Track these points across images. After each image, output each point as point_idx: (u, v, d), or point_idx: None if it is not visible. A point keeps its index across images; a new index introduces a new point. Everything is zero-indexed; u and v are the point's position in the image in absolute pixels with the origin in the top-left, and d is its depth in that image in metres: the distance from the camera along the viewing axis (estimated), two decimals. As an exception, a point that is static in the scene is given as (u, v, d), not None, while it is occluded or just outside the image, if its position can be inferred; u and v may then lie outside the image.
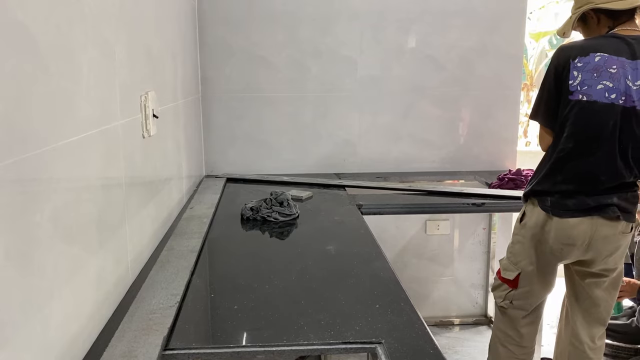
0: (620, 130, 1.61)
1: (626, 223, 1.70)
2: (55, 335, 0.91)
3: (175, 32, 2.02)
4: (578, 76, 1.61)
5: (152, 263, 1.45)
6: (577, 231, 1.68)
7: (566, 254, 1.74)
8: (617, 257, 1.76)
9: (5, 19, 0.76)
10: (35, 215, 0.84)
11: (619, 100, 1.59)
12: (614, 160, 1.63)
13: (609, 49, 1.62)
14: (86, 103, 1.06)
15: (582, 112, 1.61)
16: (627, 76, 1.60)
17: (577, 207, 1.66)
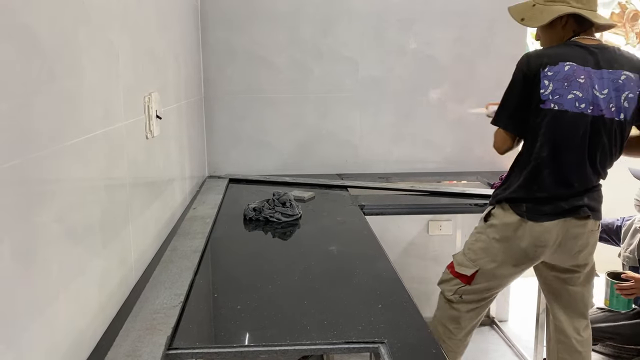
0: (589, 138, 1.66)
1: (594, 221, 1.75)
2: (61, 335, 0.91)
3: (178, 33, 2.03)
4: (549, 85, 1.64)
5: (156, 263, 1.46)
6: (551, 232, 1.71)
7: (539, 254, 1.77)
8: (587, 253, 1.80)
9: (12, 22, 0.77)
10: (41, 216, 0.85)
11: (587, 109, 1.64)
12: (584, 167, 1.68)
13: (576, 58, 1.65)
14: (90, 104, 1.07)
15: (554, 121, 1.65)
16: (594, 86, 1.64)
17: (553, 211, 1.70)
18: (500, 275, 1.82)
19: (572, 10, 1.67)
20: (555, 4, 1.70)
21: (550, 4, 1.71)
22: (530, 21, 1.77)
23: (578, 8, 1.67)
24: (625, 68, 1.66)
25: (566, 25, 1.71)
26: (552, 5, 1.70)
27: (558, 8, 1.69)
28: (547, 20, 1.69)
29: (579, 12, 1.66)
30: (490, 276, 1.82)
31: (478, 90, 2.79)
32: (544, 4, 1.73)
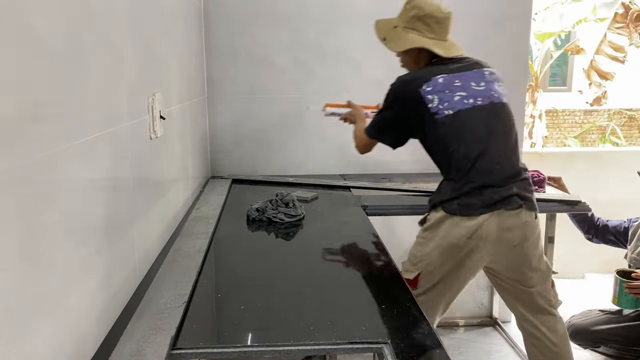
0: (492, 124, 1.76)
1: (528, 212, 1.76)
2: (66, 334, 0.92)
3: (181, 34, 2.04)
4: (434, 98, 1.74)
5: (160, 263, 1.46)
6: (485, 226, 1.71)
7: (474, 247, 1.74)
8: (528, 247, 1.80)
9: (17, 23, 0.78)
10: (46, 216, 0.85)
11: (477, 102, 1.75)
12: (501, 150, 1.76)
13: (444, 71, 1.78)
14: (95, 105, 1.08)
15: (455, 123, 1.73)
16: (471, 83, 1.78)
17: (484, 203, 1.71)
18: (443, 276, 1.80)
19: (422, 43, 1.82)
20: (411, 32, 1.85)
21: (407, 30, 1.85)
22: (391, 44, 1.91)
23: (430, 39, 1.83)
24: (484, 66, 1.86)
25: (421, 53, 1.86)
26: (408, 33, 1.85)
27: (412, 38, 1.84)
28: (401, 48, 1.86)
29: (429, 48, 1.82)
30: (432, 277, 1.80)
31: (481, 90, 2.79)
32: (402, 29, 1.87)
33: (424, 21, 1.83)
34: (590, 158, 3.70)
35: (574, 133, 8.29)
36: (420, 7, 1.83)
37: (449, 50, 1.85)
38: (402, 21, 1.87)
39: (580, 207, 2.32)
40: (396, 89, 1.84)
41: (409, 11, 1.86)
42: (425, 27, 1.83)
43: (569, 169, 3.63)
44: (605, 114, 8.43)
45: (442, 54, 1.82)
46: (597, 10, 5.33)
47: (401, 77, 1.86)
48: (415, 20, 1.84)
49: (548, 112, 7.69)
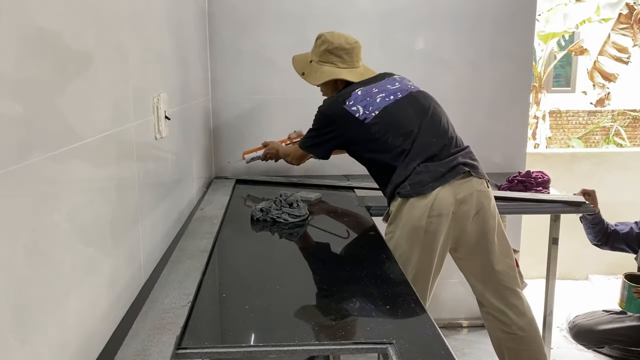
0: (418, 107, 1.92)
1: (478, 180, 1.86)
2: (72, 334, 0.92)
3: (186, 34, 2.04)
4: (358, 108, 1.89)
5: (164, 263, 1.46)
6: (440, 200, 1.78)
7: (437, 225, 1.79)
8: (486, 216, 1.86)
9: (27, 23, 0.78)
10: (53, 215, 0.86)
11: (397, 96, 1.92)
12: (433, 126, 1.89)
13: (358, 86, 1.95)
14: (101, 105, 1.08)
15: (385, 119, 1.87)
16: (386, 86, 1.96)
17: (432, 177, 1.80)
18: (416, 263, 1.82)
19: (337, 74, 1.99)
20: (325, 65, 2.02)
21: (321, 64, 2.02)
22: (309, 77, 2.07)
23: (343, 68, 2.00)
24: (394, 74, 2.06)
25: (337, 81, 2.02)
26: (323, 66, 2.02)
27: (328, 70, 2.01)
28: (320, 81, 2.03)
29: (343, 78, 1.99)
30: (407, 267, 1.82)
31: (485, 91, 2.79)
32: (317, 63, 2.04)
33: (335, 54, 2.00)
34: (594, 159, 3.69)
35: (577, 134, 8.27)
36: (329, 41, 2.00)
37: (362, 75, 2.02)
38: (316, 56, 2.04)
39: (584, 208, 2.32)
40: (324, 111, 1.99)
41: (320, 46, 2.02)
42: (337, 58, 2.00)
43: (573, 170, 3.62)
44: (609, 115, 8.41)
45: (356, 80, 1.99)
46: (601, 11, 5.31)
47: (326, 100, 2.05)
48: (327, 54, 2.01)
49: (552, 113, 7.68)
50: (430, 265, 1.85)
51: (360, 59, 2.06)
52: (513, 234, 2.94)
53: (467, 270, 1.99)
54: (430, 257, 1.84)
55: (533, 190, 2.42)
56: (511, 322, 1.93)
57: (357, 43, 2.03)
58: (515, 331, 1.93)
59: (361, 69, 2.04)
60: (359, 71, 2.02)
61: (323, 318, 1.21)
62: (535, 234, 3.19)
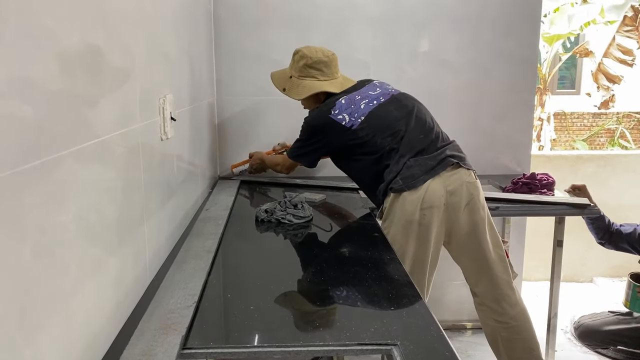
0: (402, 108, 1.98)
1: (467, 171, 1.92)
2: (78, 333, 0.93)
3: (191, 36, 2.05)
4: (344, 116, 1.95)
5: (170, 263, 1.47)
6: (431, 192, 1.85)
7: (429, 217, 1.85)
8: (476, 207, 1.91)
9: (35, 24, 0.79)
10: (60, 215, 0.86)
11: (380, 100, 2.00)
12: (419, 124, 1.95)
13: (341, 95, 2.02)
14: (108, 106, 1.09)
15: (371, 123, 1.94)
16: (368, 92, 2.03)
17: (423, 170, 1.86)
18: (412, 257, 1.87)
19: (319, 87, 2.05)
20: (305, 79, 2.07)
21: (302, 78, 2.08)
22: (291, 92, 2.11)
23: (324, 81, 2.06)
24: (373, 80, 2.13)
25: (319, 94, 2.07)
26: (303, 80, 2.07)
27: (309, 84, 2.06)
28: (303, 96, 2.07)
29: (325, 90, 2.05)
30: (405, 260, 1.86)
31: (490, 93, 2.79)
32: (297, 78, 2.09)
33: (314, 67, 2.06)
34: (598, 161, 3.68)
35: (582, 136, 8.25)
36: (307, 56, 2.06)
37: (342, 84, 2.09)
38: (295, 71, 2.10)
39: (589, 211, 2.32)
40: (310, 122, 2.06)
41: (298, 61, 2.09)
42: (317, 72, 2.07)
43: (577, 172, 3.61)
44: (615, 117, 8.38)
45: (338, 91, 2.05)
46: (606, 13, 5.30)
47: (311, 112, 2.10)
48: (307, 69, 2.07)
49: (556, 115, 7.66)
50: (425, 257, 1.90)
51: (338, 70, 2.13)
52: (517, 235, 2.94)
53: (461, 261, 2.03)
54: (425, 249, 1.88)
55: (537, 193, 2.42)
56: (504, 311, 1.98)
57: (334, 55, 2.12)
58: (507, 320, 1.98)
59: (340, 79, 2.12)
60: (339, 81, 2.10)
61: (327, 319, 1.21)
62: (540, 236, 3.18)
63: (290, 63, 2.14)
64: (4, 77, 0.70)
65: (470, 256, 1.98)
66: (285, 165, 2.33)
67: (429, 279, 1.95)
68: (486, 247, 1.94)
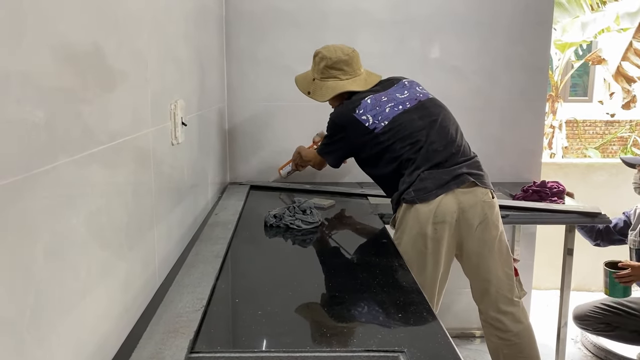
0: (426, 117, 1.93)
1: (484, 190, 1.87)
2: (88, 335, 0.94)
3: (203, 41, 2.07)
4: (368, 117, 1.93)
5: (179, 267, 1.48)
6: (443, 207, 1.82)
7: (441, 232, 1.83)
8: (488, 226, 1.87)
9: (49, 30, 0.80)
10: (72, 219, 0.88)
11: (405, 106, 1.95)
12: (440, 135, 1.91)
13: (367, 94, 1.99)
14: (120, 111, 1.10)
15: (394, 129, 1.90)
16: (395, 94, 1.99)
17: (436, 184, 1.83)
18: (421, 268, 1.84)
19: (342, 87, 2.02)
20: (328, 80, 2.05)
21: (324, 80, 2.06)
22: (315, 95, 2.09)
23: (346, 80, 2.03)
24: (402, 79, 2.08)
25: (344, 93, 2.03)
26: (326, 81, 2.05)
27: (331, 85, 2.04)
28: (326, 98, 2.05)
29: (348, 89, 2.01)
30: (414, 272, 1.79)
31: (501, 100, 2.78)
32: (320, 80, 2.07)
33: (335, 67, 2.03)
34: (610, 169, 3.65)
35: (594, 144, 8.19)
36: (327, 57, 2.04)
37: (366, 81, 2.06)
38: (317, 73, 2.08)
39: (600, 219, 2.30)
40: (335, 119, 2.04)
41: (319, 63, 2.07)
42: (339, 71, 2.04)
43: (589, 180, 3.59)
44: (627, 125, 8.31)
45: (361, 89, 2.02)
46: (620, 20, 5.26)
47: (336, 108, 2.07)
48: (328, 70, 2.04)
49: (568, 122, 7.61)
50: (436, 271, 1.87)
51: (360, 66, 2.09)
52: (527, 244, 2.92)
53: (468, 275, 2.01)
54: (436, 263, 1.86)
55: (548, 201, 2.40)
56: (506, 328, 1.96)
57: (354, 52, 2.07)
58: (510, 337, 1.96)
59: (364, 75, 2.08)
60: (362, 78, 2.06)
61: (335, 325, 1.21)
62: (550, 245, 3.16)
63: (312, 65, 2.12)
64: (18, 83, 0.72)
65: (476, 273, 1.96)
66: (316, 161, 2.32)
67: (439, 292, 1.93)
68: (493, 266, 1.92)
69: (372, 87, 2.03)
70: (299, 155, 2.49)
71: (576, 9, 5.50)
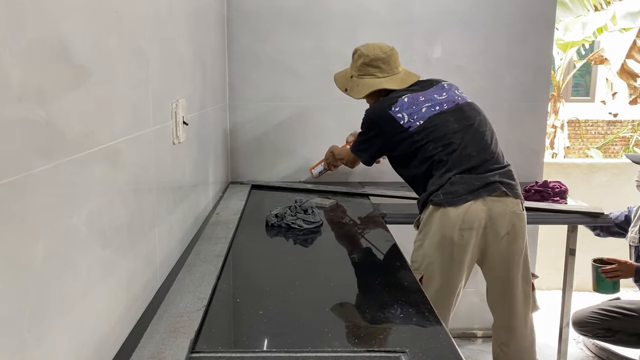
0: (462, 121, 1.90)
1: (514, 200, 1.84)
2: (88, 335, 0.94)
3: (205, 40, 2.07)
4: (404, 116, 1.91)
5: (180, 267, 1.48)
6: (472, 213, 1.79)
7: (467, 238, 1.80)
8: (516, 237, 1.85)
9: (50, 30, 0.80)
10: (72, 218, 0.87)
11: (443, 107, 1.93)
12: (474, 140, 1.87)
13: (405, 93, 1.97)
14: (121, 110, 1.10)
15: (428, 129, 1.88)
16: (433, 95, 1.96)
17: (467, 190, 1.79)
18: (442, 274, 1.83)
19: (378, 84, 2.01)
20: (365, 77, 2.04)
21: (362, 77, 2.04)
22: (352, 92, 2.08)
23: (383, 77, 2.02)
24: (442, 81, 2.05)
25: (381, 90, 2.02)
26: (363, 79, 2.04)
27: (368, 83, 2.03)
28: (363, 94, 2.04)
29: (384, 87, 2.00)
30: (433, 277, 1.84)
31: (503, 100, 2.78)
32: (357, 77, 2.06)
33: (372, 65, 2.02)
34: (612, 169, 3.65)
35: (596, 144, 8.17)
36: (365, 54, 2.03)
37: (404, 80, 2.04)
38: (355, 70, 2.07)
39: (602, 219, 2.29)
40: (370, 115, 2.02)
41: (356, 61, 2.06)
42: (376, 69, 2.02)
43: (591, 181, 3.58)
44: (629, 125, 8.29)
45: (398, 88, 2.00)
46: (620, 20, 5.25)
47: (372, 105, 2.06)
48: (365, 67, 2.03)
49: (570, 122, 7.60)
50: (457, 277, 1.86)
51: (399, 64, 2.07)
52: (529, 244, 2.90)
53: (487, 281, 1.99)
54: (458, 269, 1.84)
55: (550, 201, 2.40)
56: (511, 342, 1.96)
57: (392, 50, 2.05)
58: (512, 352, 1.97)
59: (402, 74, 2.06)
60: (400, 77, 2.04)
61: (336, 325, 1.21)
62: (552, 245, 3.15)
63: (350, 63, 2.11)
64: (19, 81, 0.71)
65: (497, 283, 1.94)
66: (349, 159, 2.30)
67: (456, 297, 1.91)
68: (514, 281, 1.90)
69: (410, 87, 2.01)
70: (331, 154, 2.48)
71: (579, 8, 5.48)
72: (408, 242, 2.68)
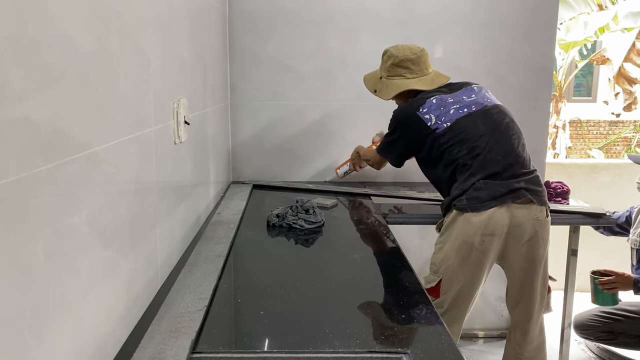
0: (490, 124, 1.89)
1: (538, 207, 1.83)
2: (89, 335, 0.93)
3: (206, 40, 2.06)
4: (431, 117, 1.91)
5: (181, 267, 1.47)
6: (495, 220, 1.78)
7: (488, 244, 1.80)
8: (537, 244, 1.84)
9: (53, 30, 0.80)
10: (73, 218, 0.87)
11: (471, 109, 1.91)
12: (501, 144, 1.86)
13: (434, 94, 1.96)
14: (122, 109, 1.10)
15: (455, 131, 1.87)
16: (462, 97, 1.95)
17: (491, 196, 1.78)
18: (461, 278, 1.83)
19: (407, 85, 2.01)
20: (394, 78, 2.04)
21: (391, 78, 2.05)
22: (381, 93, 2.08)
23: (412, 78, 2.01)
24: (472, 83, 2.04)
25: (410, 91, 2.02)
26: (392, 79, 2.04)
27: (397, 83, 2.03)
28: (392, 94, 2.04)
29: (413, 88, 2.00)
30: (452, 281, 1.84)
31: (505, 100, 2.76)
32: (387, 78, 2.06)
33: (402, 66, 2.02)
34: (614, 170, 3.64)
35: (598, 144, 8.16)
36: (394, 55, 2.03)
37: (433, 81, 2.02)
38: (384, 71, 2.07)
39: (604, 220, 2.29)
40: (397, 116, 2.01)
41: (386, 61, 2.06)
42: (405, 70, 2.02)
43: (593, 181, 3.57)
44: (631, 125, 8.28)
45: (427, 89, 1.99)
46: (623, 20, 5.24)
47: (400, 105, 2.05)
48: (394, 68, 2.03)
49: (572, 122, 7.58)
50: (476, 282, 1.86)
51: (429, 65, 2.07)
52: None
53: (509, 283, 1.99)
54: (477, 274, 1.84)
55: (552, 201, 2.39)
56: (524, 343, 1.97)
57: (422, 51, 2.05)
58: (524, 353, 1.97)
59: (431, 75, 2.05)
60: (429, 78, 2.04)
61: (337, 325, 1.20)
62: (554, 245, 3.14)
63: (380, 64, 2.11)
64: (19, 81, 0.71)
65: (515, 286, 1.94)
66: (375, 160, 2.28)
67: (473, 301, 1.91)
68: (533, 285, 1.90)
69: (439, 88, 2.00)
70: (357, 154, 2.47)
71: (582, 6, 5.47)
72: (409, 243, 2.68)
